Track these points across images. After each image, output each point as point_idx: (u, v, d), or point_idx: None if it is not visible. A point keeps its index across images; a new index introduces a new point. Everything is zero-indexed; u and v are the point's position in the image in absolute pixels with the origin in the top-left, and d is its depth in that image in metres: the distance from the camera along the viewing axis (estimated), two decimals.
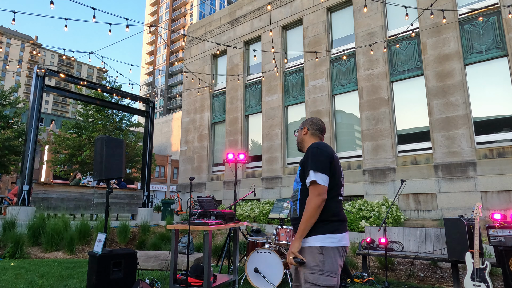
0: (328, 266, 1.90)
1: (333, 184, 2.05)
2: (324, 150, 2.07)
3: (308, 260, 1.92)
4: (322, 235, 1.96)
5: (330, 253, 1.93)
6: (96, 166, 4.51)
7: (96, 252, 3.96)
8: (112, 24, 7.74)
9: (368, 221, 9.14)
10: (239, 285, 4.69)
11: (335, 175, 2.08)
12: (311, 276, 1.89)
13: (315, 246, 1.94)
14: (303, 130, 2.31)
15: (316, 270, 1.89)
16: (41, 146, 27.91)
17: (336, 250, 1.95)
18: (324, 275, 1.88)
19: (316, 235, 1.96)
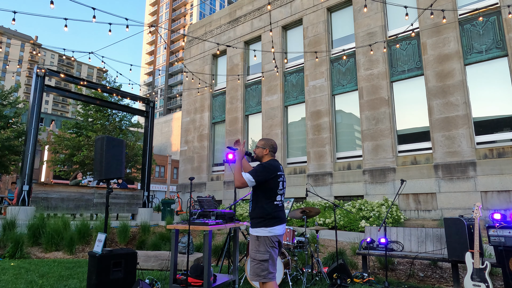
0: (262, 248, 2.90)
1: (270, 192, 3.02)
2: (269, 168, 3.04)
3: (251, 243, 2.96)
4: (258, 228, 2.97)
5: (262, 240, 2.93)
6: (96, 166, 4.50)
7: (96, 252, 3.96)
8: (112, 24, 7.74)
9: (368, 221, 9.14)
10: (239, 285, 4.69)
11: (273, 187, 3.04)
12: (252, 253, 2.93)
13: (254, 235, 2.96)
14: (265, 150, 3.21)
15: (255, 250, 2.93)
16: (41, 146, 27.91)
17: (267, 238, 2.93)
18: (259, 253, 2.90)
19: (255, 228, 2.98)
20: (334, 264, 5.06)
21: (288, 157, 13.30)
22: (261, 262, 2.87)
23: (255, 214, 3.02)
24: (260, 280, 2.86)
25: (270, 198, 3.02)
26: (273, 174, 3.04)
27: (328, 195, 11.43)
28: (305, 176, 12.27)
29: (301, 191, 11.89)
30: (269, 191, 3.03)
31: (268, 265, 2.89)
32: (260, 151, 3.22)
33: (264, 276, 2.85)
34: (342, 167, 11.61)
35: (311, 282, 4.84)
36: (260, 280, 2.86)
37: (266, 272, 2.87)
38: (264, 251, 2.91)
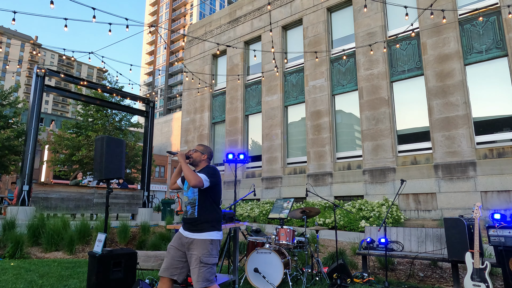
0: (215, 251, 2.87)
1: (219, 196, 3.09)
2: (218, 174, 3.09)
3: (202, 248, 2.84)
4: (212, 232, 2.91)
5: (216, 243, 2.92)
6: (96, 166, 4.50)
7: (96, 252, 3.96)
8: (112, 24, 7.74)
9: (368, 221, 9.14)
10: (239, 285, 4.69)
11: (220, 192, 3.15)
12: (205, 258, 2.80)
13: (208, 239, 2.87)
14: (204, 156, 3.20)
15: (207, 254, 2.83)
16: (41, 146, 27.91)
17: (218, 241, 2.97)
18: (212, 257, 2.84)
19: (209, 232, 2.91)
20: (334, 264, 5.06)
21: (288, 157, 13.30)
22: (212, 266, 2.83)
23: (208, 218, 2.95)
24: (209, 285, 2.77)
25: (218, 203, 3.07)
26: (220, 179, 3.10)
27: (328, 195, 11.43)
28: (305, 176, 12.27)
29: (301, 191, 11.89)
30: (218, 196, 3.08)
31: (215, 268, 2.89)
32: (199, 155, 3.18)
33: (212, 280, 2.81)
34: (342, 167, 11.61)
35: (311, 282, 4.84)
36: (209, 285, 2.77)
37: (214, 275, 2.85)
38: (216, 254, 2.90)
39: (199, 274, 2.75)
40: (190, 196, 3.03)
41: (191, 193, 3.02)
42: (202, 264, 2.77)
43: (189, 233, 2.91)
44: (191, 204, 3.00)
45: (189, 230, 2.92)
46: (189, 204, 3.01)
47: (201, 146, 3.24)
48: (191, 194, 3.02)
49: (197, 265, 2.76)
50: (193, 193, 3.00)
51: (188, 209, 3.00)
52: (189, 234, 2.90)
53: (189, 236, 2.89)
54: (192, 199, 3.00)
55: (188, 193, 3.05)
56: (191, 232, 2.90)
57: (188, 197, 3.04)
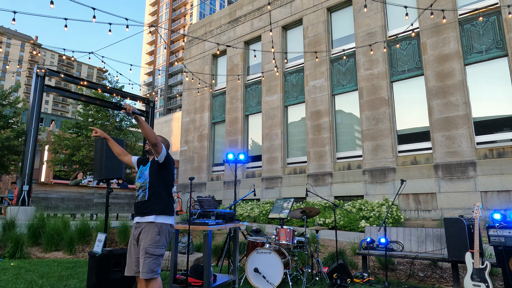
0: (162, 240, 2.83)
1: (171, 182, 3.07)
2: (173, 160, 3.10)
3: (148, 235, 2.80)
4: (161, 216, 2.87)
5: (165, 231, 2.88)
6: (96, 166, 4.51)
7: (96, 252, 3.96)
8: (112, 24, 7.74)
9: (368, 221, 9.14)
10: (239, 285, 4.69)
11: (172, 179, 3.11)
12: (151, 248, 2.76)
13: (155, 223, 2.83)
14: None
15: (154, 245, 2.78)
16: (41, 146, 27.90)
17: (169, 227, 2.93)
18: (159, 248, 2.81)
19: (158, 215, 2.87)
20: (334, 264, 5.06)
21: (288, 157, 13.30)
22: (158, 257, 2.74)
23: (158, 201, 2.86)
24: (153, 276, 2.69)
25: (170, 191, 3.04)
26: (174, 165, 3.10)
27: (328, 195, 11.43)
28: (305, 176, 12.27)
29: (301, 191, 11.89)
30: (170, 182, 3.06)
31: (161, 260, 2.81)
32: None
33: (157, 272, 2.74)
34: (342, 167, 11.62)
35: (311, 282, 4.85)
36: (153, 276, 2.69)
37: (159, 267, 2.77)
38: (163, 245, 2.82)
39: (144, 265, 2.69)
40: (141, 180, 3.02)
41: (142, 178, 3.02)
42: (148, 254, 2.71)
43: (138, 218, 2.87)
44: (142, 188, 2.98)
45: (139, 214, 2.88)
46: (141, 188, 2.99)
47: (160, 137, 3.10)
48: (142, 178, 3.02)
49: (143, 255, 2.72)
50: (145, 177, 3.00)
51: (139, 193, 2.97)
52: (138, 218, 2.86)
53: (138, 221, 2.85)
54: (143, 182, 2.98)
55: (140, 179, 3.04)
56: (140, 216, 2.86)
57: (140, 182, 3.03)
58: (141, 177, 3.06)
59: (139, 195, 2.98)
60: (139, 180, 3.06)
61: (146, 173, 3.02)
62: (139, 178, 3.08)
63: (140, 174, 3.08)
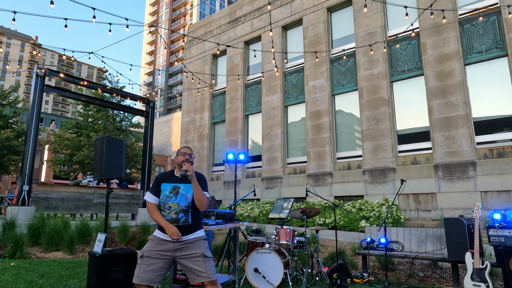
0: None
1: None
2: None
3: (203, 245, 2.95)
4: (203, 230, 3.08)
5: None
6: (96, 166, 4.51)
7: (96, 252, 3.96)
8: (112, 24, 7.74)
9: (368, 221, 9.14)
10: (239, 285, 4.69)
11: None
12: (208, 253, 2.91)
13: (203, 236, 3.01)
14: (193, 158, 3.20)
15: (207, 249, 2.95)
16: (41, 146, 27.91)
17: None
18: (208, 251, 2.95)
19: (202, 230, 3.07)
20: (334, 264, 5.06)
21: (288, 157, 13.30)
22: (212, 259, 2.95)
23: (199, 221, 3.06)
24: (216, 277, 2.86)
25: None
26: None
27: (328, 195, 11.43)
28: (305, 176, 12.27)
29: (301, 191, 11.89)
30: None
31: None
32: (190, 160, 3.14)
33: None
34: (342, 167, 11.62)
35: (311, 282, 4.84)
36: (216, 277, 2.86)
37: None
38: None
39: (208, 268, 2.82)
40: (183, 204, 2.96)
41: (183, 201, 2.96)
42: (207, 258, 2.86)
43: (184, 236, 2.90)
44: (184, 212, 2.95)
45: (184, 234, 2.91)
46: (182, 212, 2.95)
47: (189, 149, 3.16)
48: (183, 201, 2.96)
49: (203, 260, 2.82)
50: (186, 200, 2.97)
51: (180, 217, 2.93)
52: (185, 237, 2.90)
53: (185, 238, 2.90)
54: (186, 207, 2.96)
55: (178, 200, 2.95)
56: (187, 235, 2.91)
57: (179, 203, 2.95)
58: (178, 199, 2.96)
59: (180, 218, 2.93)
60: (176, 201, 2.95)
61: (189, 196, 2.97)
62: (174, 197, 2.96)
63: (177, 194, 2.97)
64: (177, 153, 3.12)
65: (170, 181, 3.02)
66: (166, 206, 2.94)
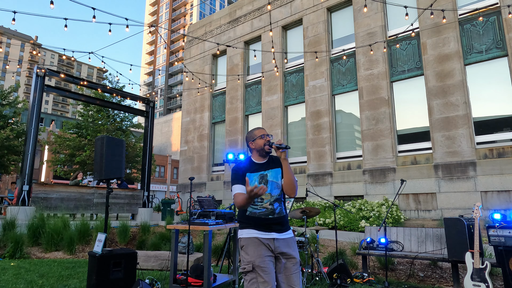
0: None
1: None
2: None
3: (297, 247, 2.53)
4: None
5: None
6: (96, 166, 4.50)
7: (96, 252, 3.96)
8: (112, 24, 7.74)
9: (368, 221, 9.14)
10: (239, 285, 4.69)
11: None
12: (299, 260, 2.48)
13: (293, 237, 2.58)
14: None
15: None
16: (41, 146, 27.92)
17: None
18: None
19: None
20: (334, 264, 5.06)
21: (288, 157, 13.27)
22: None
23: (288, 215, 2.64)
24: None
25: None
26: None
27: (328, 195, 11.42)
28: (305, 176, 12.27)
29: (301, 191, 11.79)
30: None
31: None
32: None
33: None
34: (342, 167, 11.61)
35: (311, 282, 4.84)
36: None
37: None
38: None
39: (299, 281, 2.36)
40: (275, 192, 2.50)
41: (275, 189, 2.51)
42: (300, 269, 2.43)
43: (280, 234, 2.43)
44: (278, 201, 2.50)
45: (280, 231, 2.43)
46: (276, 201, 2.49)
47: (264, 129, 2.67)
48: (275, 189, 2.51)
49: (297, 270, 2.37)
50: (278, 187, 2.51)
51: (276, 207, 2.47)
52: (282, 235, 2.43)
53: (283, 237, 2.42)
54: (279, 195, 2.52)
55: (269, 189, 2.50)
56: (283, 233, 2.44)
57: (271, 193, 2.49)
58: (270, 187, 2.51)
59: (275, 209, 2.47)
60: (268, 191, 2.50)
61: (279, 183, 2.53)
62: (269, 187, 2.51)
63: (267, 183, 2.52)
64: (251, 137, 2.63)
65: (253, 170, 2.56)
66: (257, 199, 2.46)
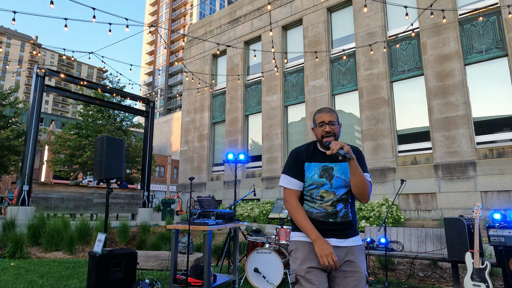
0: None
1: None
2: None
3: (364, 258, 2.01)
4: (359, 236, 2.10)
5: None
6: (96, 166, 4.50)
7: (96, 252, 3.96)
8: (112, 24, 7.74)
9: (368, 221, 9.14)
10: (239, 285, 4.69)
11: None
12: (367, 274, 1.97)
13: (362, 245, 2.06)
14: (339, 126, 2.13)
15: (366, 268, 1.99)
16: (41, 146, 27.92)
17: None
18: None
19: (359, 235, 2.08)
20: None
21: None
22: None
23: (356, 219, 2.09)
24: None
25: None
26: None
27: None
28: None
29: None
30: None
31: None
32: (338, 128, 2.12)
33: None
34: None
35: None
36: None
37: None
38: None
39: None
40: (341, 191, 2.03)
41: (341, 187, 2.03)
42: (367, 284, 1.94)
43: (342, 240, 1.96)
44: (343, 202, 2.02)
45: (341, 236, 1.98)
46: (341, 202, 2.02)
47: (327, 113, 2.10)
48: (341, 188, 2.03)
49: (362, 285, 1.90)
50: (345, 185, 2.03)
51: (339, 209, 2.00)
52: (345, 241, 1.97)
53: (345, 244, 1.96)
54: (345, 195, 2.04)
55: (334, 186, 2.02)
56: (347, 238, 1.98)
57: (335, 192, 2.02)
58: (335, 184, 2.02)
59: (339, 212, 2.00)
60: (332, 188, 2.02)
61: (347, 180, 2.02)
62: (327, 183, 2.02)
63: (331, 178, 2.02)
64: (313, 122, 2.15)
65: (315, 159, 2.06)
66: (316, 196, 2.01)
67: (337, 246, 1.94)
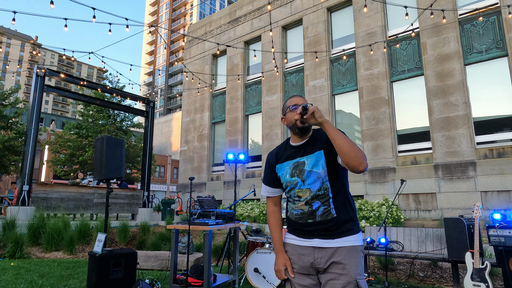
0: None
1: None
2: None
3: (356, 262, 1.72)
4: (360, 234, 1.82)
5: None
6: (96, 166, 4.50)
7: (96, 252, 3.96)
8: (112, 24, 7.74)
9: (368, 221, 9.14)
10: (239, 285, 4.69)
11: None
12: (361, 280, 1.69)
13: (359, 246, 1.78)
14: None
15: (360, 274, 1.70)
16: (41, 146, 27.93)
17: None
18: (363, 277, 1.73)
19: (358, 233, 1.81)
20: None
21: None
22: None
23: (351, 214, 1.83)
24: None
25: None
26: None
27: None
28: None
29: None
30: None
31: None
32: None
33: None
34: None
35: None
36: None
37: None
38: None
39: None
40: (315, 186, 1.82)
41: (315, 182, 1.81)
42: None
43: (327, 241, 1.77)
44: (320, 198, 1.81)
45: (326, 236, 1.78)
46: (317, 199, 1.81)
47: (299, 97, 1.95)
48: (315, 182, 1.81)
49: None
50: (319, 179, 1.81)
51: (315, 207, 1.81)
52: (331, 242, 1.76)
53: (331, 245, 1.75)
54: (321, 189, 1.81)
55: (307, 183, 1.83)
56: (333, 239, 1.76)
57: (310, 188, 1.82)
58: (308, 180, 1.83)
59: (316, 211, 1.80)
60: (306, 186, 1.83)
61: (321, 172, 1.79)
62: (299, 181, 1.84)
63: (302, 174, 1.84)
64: (283, 111, 1.98)
65: (286, 158, 1.92)
66: (294, 197, 1.87)
67: (321, 247, 1.76)
